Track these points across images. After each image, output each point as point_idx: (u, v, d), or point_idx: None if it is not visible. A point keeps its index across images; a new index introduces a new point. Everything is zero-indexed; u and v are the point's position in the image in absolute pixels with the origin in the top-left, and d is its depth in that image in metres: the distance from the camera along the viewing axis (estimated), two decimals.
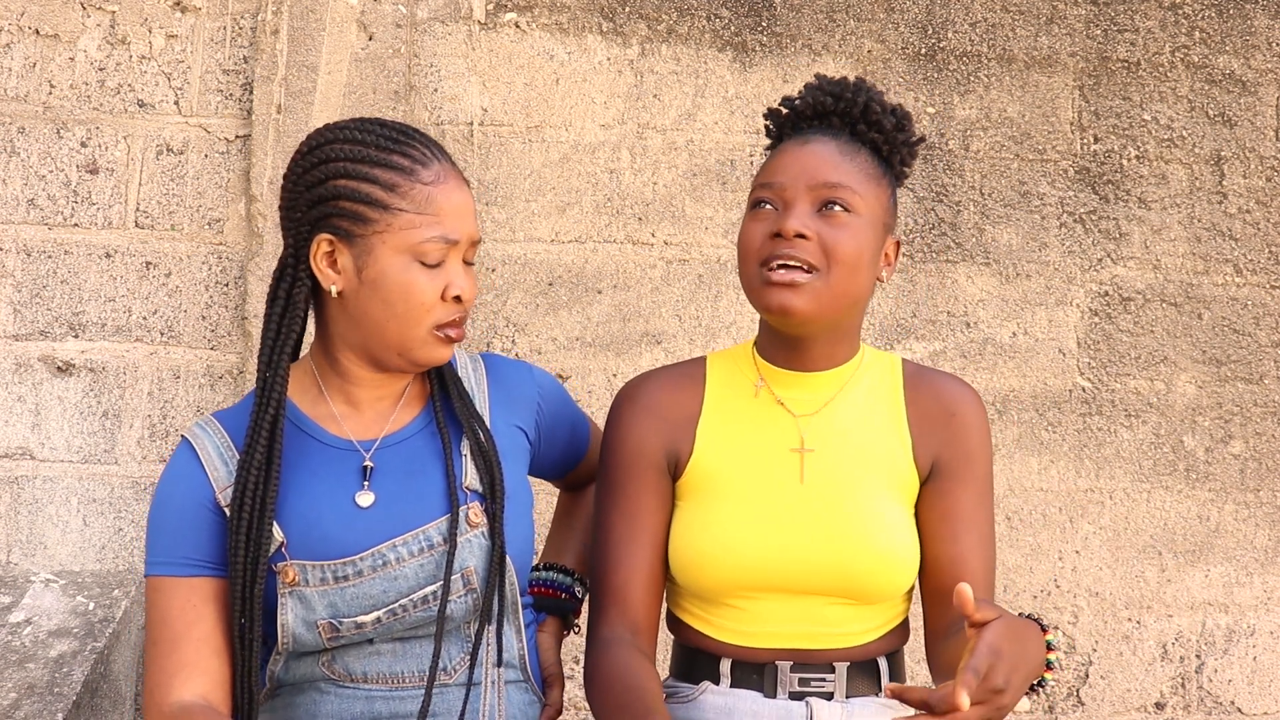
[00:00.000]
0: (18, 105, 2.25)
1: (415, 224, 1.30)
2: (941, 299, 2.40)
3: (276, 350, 1.36)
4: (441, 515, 1.35)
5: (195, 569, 1.33)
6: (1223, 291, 2.47)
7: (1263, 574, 2.46)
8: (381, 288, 1.31)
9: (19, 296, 2.23)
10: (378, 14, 2.27)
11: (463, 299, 1.33)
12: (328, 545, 1.32)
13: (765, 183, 1.40)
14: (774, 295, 1.35)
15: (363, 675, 1.34)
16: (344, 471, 1.36)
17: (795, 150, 1.40)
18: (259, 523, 1.30)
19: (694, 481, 1.43)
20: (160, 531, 1.34)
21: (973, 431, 1.44)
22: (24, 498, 2.21)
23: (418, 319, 1.32)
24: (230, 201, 2.27)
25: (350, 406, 1.40)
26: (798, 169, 1.38)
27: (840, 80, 1.45)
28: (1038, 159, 2.44)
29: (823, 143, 1.40)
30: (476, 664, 1.36)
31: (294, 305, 1.36)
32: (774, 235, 1.35)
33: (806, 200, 1.36)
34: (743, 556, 1.37)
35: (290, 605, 1.31)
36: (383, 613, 1.32)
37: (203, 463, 1.35)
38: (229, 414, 1.41)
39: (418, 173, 1.32)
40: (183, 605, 1.31)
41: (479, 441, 1.39)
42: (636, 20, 2.36)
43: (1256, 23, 2.49)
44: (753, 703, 1.39)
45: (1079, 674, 2.41)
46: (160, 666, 1.30)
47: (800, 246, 1.34)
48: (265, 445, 1.32)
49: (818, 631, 1.39)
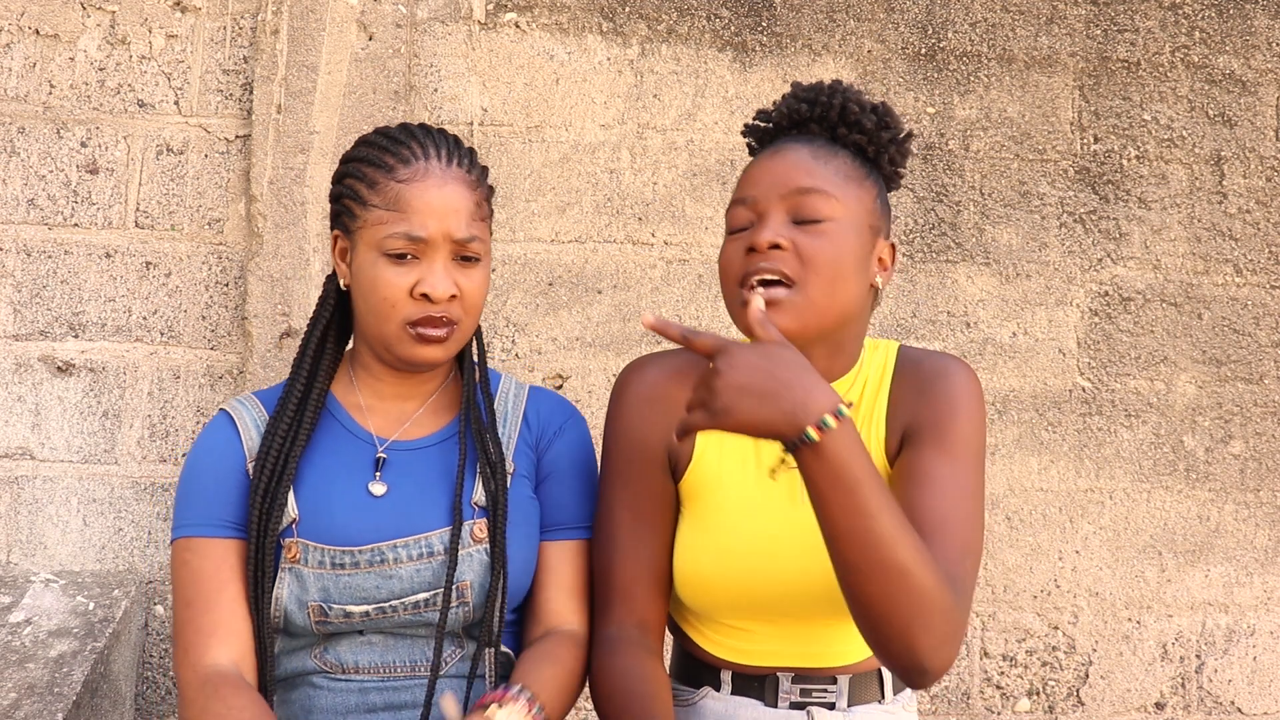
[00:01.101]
0: (18, 105, 2.25)
1: (383, 219, 1.34)
2: (941, 299, 2.40)
3: (310, 337, 1.42)
4: (446, 525, 1.36)
5: (228, 530, 1.35)
6: (1223, 291, 2.47)
7: (1263, 574, 2.45)
8: (360, 282, 1.36)
9: (19, 296, 2.23)
10: (378, 14, 2.27)
11: (432, 297, 1.33)
12: (334, 530, 1.34)
13: (738, 199, 1.34)
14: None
15: (354, 666, 1.35)
16: (361, 461, 1.39)
17: (766, 161, 1.34)
18: (276, 485, 1.34)
19: (693, 488, 1.38)
20: (194, 494, 1.37)
21: (947, 395, 1.31)
22: (24, 498, 2.21)
23: (386, 314, 1.34)
24: (230, 201, 2.27)
25: (376, 398, 1.43)
26: (769, 179, 1.32)
27: (815, 85, 1.39)
28: (1038, 159, 2.44)
29: (795, 149, 1.33)
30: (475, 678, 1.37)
31: (326, 295, 1.44)
32: (749, 250, 1.29)
33: (780, 209, 1.29)
34: (737, 583, 1.33)
35: (287, 581, 1.33)
36: (372, 608, 1.33)
37: (239, 431, 1.40)
38: (267, 393, 1.47)
39: (395, 170, 1.35)
40: (217, 565, 1.33)
41: (489, 458, 1.39)
42: (636, 20, 2.36)
43: (1256, 23, 2.49)
44: (753, 711, 1.37)
45: (1079, 674, 2.41)
46: (196, 627, 1.31)
47: (776, 258, 1.27)
48: (293, 414, 1.37)
49: (819, 651, 1.37)
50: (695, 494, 1.39)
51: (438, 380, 1.45)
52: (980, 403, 1.33)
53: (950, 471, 1.27)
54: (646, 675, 1.29)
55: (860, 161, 1.36)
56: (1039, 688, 2.40)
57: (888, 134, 1.38)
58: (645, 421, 1.39)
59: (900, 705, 1.42)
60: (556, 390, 2.31)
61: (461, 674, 1.36)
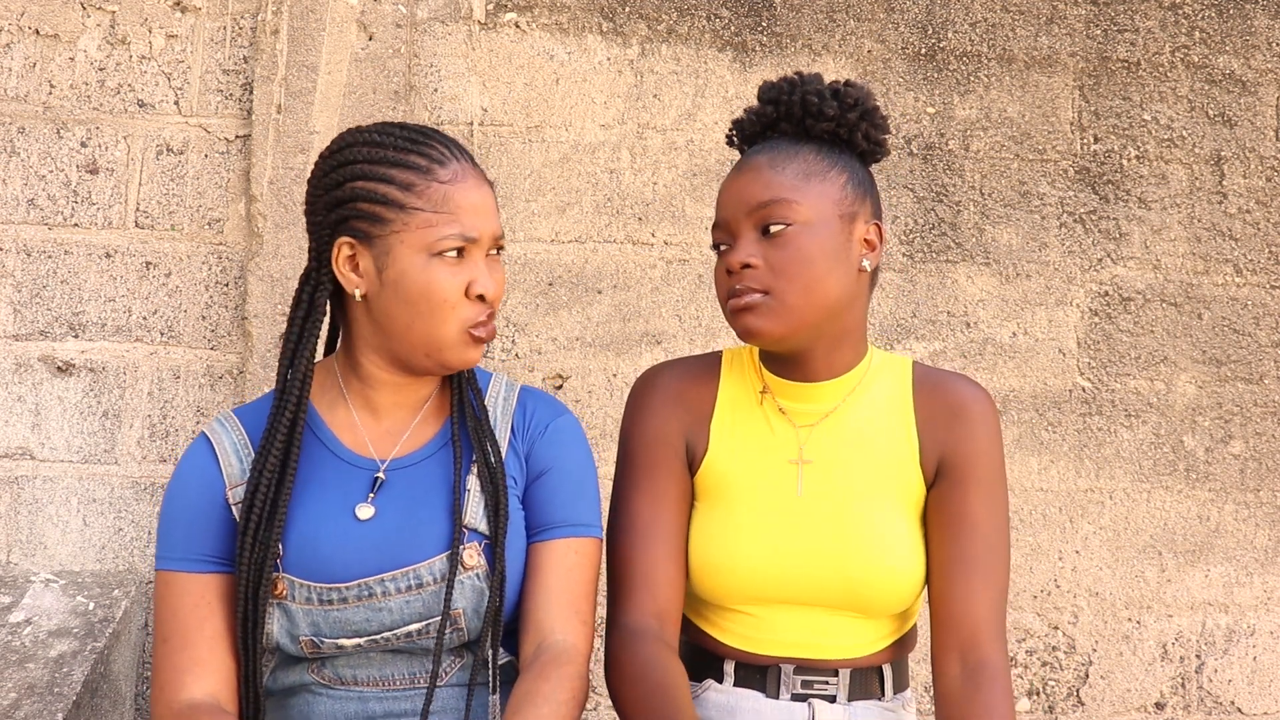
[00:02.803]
0: (18, 105, 2.25)
1: (432, 223, 1.29)
2: (941, 299, 2.40)
3: (298, 355, 1.35)
4: (436, 554, 1.33)
5: (208, 565, 1.33)
6: (1223, 291, 2.47)
7: (1263, 574, 2.45)
8: (403, 288, 1.30)
9: (19, 296, 2.23)
10: (378, 14, 2.27)
11: (486, 297, 1.32)
12: (319, 566, 1.31)
13: (716, 223, 1.39)
14: (738, 321, 1.35)
15: (353, 679, 1.34)
16: (352, 489, 1.35)
17: (732, 180, 1.39)
18: (268, 527, 1.30)
19: (707, 482, 1.42)
20: (173, 526, 1.34)
21: (980, 431, 1.39)
22: (24, 498, 2.21)
23: (443, 318, 1.30)
24: (230, 201, 2.27)
25: (368, 413, 1.38)
26: (735, 200, 1.36)
27: (774, 84, 1.41)
28: (1038, 159, 2.44)
29: (754, 162, 1.38)
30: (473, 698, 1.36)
31: (315, 309, 1.36)
32: (729, 271, 1.36)
33: (748, 225, 1.35)
34: (746, 568, 1.37)
35: (276, 616, 1.31)
36: (364, 640, 1.32)
37: (219, 458, 1.35)
38: (249, 411, 1.41)
39: (435, 172, 1.31)
40: (195, 602, 1.31)
41: (489, 467, 1.36)
42: (636, 20, 2.36)
43: (1256, 23, 2.49)
44: (755, 702, 1.39)
45: (1079, 674, 2.41)
46: (172, 664, 1.30)
47: (749, 276, 1.34)
48: (281, 450, 1.32)
49: (823, 641, 1.39)
50: (711, 485, 1.42)
51: (432, 385, 1.41)
52: (1000, 428, 1.45)
53: (987, 514, 1.37)
54: (668, 667, 1.30)
55: (827, 151, 1.38)
56: (1039, 688, 2.40)
57: (854, 113, 1.39)
58: (666, 417, 1.43)
59: (900, 704, 1.43)
60: (556, 390, 2.31)
61: (461, 683, 1.35)
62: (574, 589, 1.36)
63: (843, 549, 1.35)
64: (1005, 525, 1.39)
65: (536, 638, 1.34)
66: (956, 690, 1.31)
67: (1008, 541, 1.39)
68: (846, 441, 1.40)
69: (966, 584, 1.34)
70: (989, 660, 1.31)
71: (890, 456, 1.39)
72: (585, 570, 1.38)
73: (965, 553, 1.35)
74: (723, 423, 1.43)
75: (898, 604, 1.38)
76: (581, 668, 1.32)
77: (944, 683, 1.33)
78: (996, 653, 1.31)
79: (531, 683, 1.28)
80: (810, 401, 1.41)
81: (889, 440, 1.40)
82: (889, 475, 1.39)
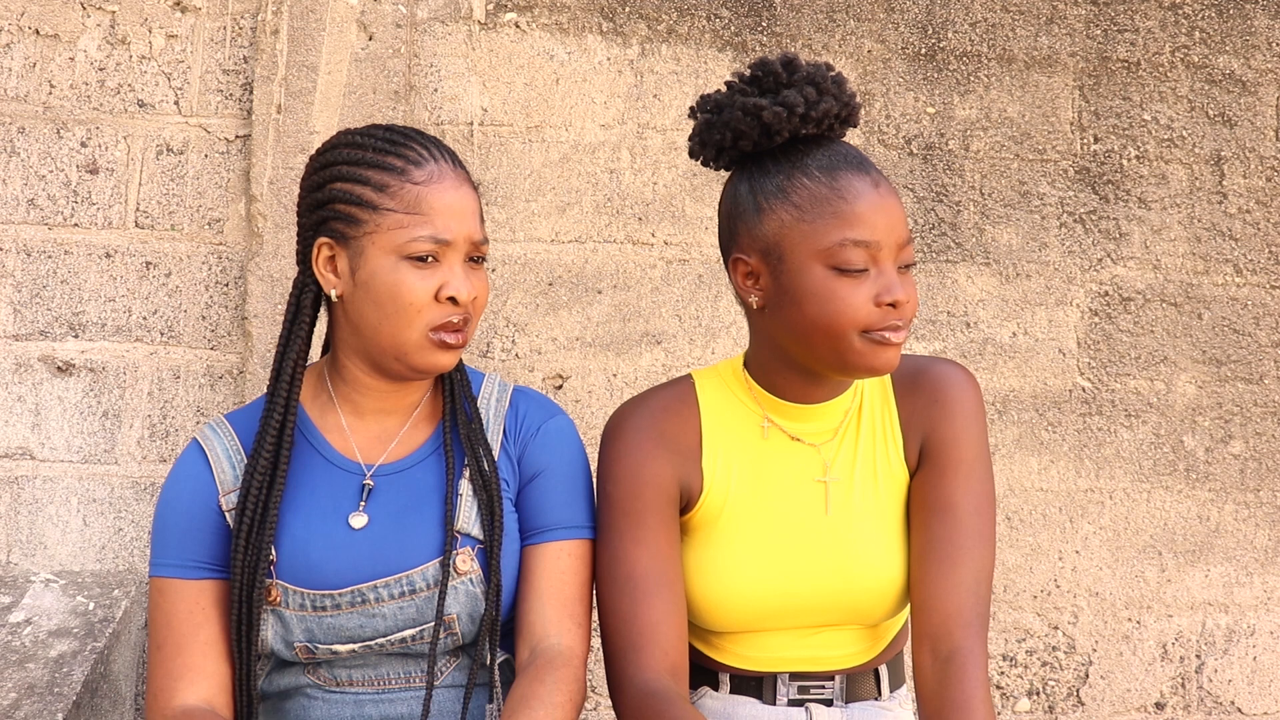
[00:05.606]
0: (18, 105, 2.25)
1: (404, 224, 1.29)
2: (941, 299, 2.40)
3: (285, 358, 1.35)
4: (429, 560, 1.32)
5: (201, 571, 1.33)
6: (1223, 291, 2.47)
7: (1263, 574, 2.45)
8: (372, 289, 1.29)
9: (19, 296, 2.23)
10: (378, 14, 2.27)
11: (458, 300, 1.30)
12: (312, 572, 1.31)
13: (856, 240, 1.25)
14: (880, 355, 1.26)
15: (348, 680, 1.34)
16: (342, 494, 1.35)
17: (872, 198, 1.27)
18: (260, 532, 1.30)
19: (705, 518, 1.37)
20: (166, 532, 1.34)
21: (957, 411, 1.34)
22: (24, 498, 2.21)
23: (409, 320, 1.29)
24: (230, 201, 2.27)
25: (355, 416, 1.38)
26: (885, 224, 1.26)
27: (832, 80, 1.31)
28: (1038, 159, 2.44)
29: (884, 184, 1.29)
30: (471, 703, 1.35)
31: (302, 311, 1.36)
32: (880, 303, 1.25)
33: (892, 258, 1.27)
34: (759, 598, 1.32)
35: (271, 622, 1.31)
36: (358, 646, 1.31)
37: (210, 464, 1.35)
38: (240, 415, 1.41)
39: (409, 173, 1.30)
40: (189, 608, 1.31)
41: (482, 473, 1.34)
42: (636, 20, 2.36)
43: (1256, 23, 2.49)
44: (751, 709, 1.38)
45: (1079, 674, 2.41)
46: (165, 670, 1.30)
47: (904, 311, 1.27)
48: (271, 454, 1.31)
49: (820, 655, 1.37)
50: (710, 519, 1.37)
51: (422, 390, 1.40)
52: (984, 408, 1.36)
53: (965, 496, 1.31)
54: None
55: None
56: (1039, 688, 2.40)
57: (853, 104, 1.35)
58: (651, 457, 1.35)
59: (897, 703, 1.43)
60: (556, 390, 2.31)
61: (459, 684, 1.35)
62: (568, 591, 1.35)
63: (862, 562, 1.33)
64: (987, 507, 1.32)
65: (531, 641, 1.33)
66: (930, 684, 1.25)
67: (991, 524, 1.32)
68: (856, 454, 1.38)
69: (939, 570, 1.28)
70: (961, 648, 1.24)
71: (884, 459, 1.38)
72: (579, 572, 1.36)
73: (940, 538, 1.29)
74: (716, 457, 1.37)
75: (901, 608, 1.37)
76: (578, 670, 1.31)
77: (919, 675, 1.28)
78: (970, 639, 1.25)
79: (528, 686, 1.28)
80: (820, 421, 1.38)
81: (882, 442, 1.38)
82: (887, 479, 1.37)
